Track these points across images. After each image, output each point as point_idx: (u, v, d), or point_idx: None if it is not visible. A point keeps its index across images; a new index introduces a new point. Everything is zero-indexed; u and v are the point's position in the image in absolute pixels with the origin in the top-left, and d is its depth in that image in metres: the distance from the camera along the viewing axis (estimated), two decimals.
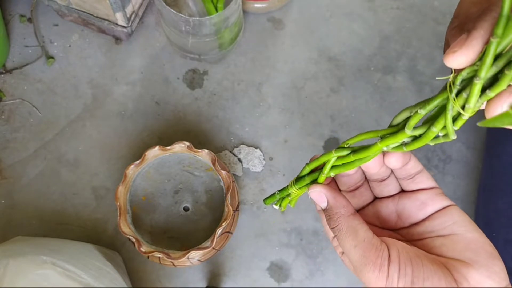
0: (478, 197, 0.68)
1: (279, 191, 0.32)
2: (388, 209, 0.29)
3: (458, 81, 0.20)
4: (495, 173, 0.63)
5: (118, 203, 0.56)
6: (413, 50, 0.79)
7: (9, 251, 0.54)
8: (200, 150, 0.58)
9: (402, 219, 0.28)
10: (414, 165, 0.27)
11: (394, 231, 0.28)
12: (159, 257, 0.58)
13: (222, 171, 0.57)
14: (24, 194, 0.70)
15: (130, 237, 0.55)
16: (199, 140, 0.73)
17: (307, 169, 0.29)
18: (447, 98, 0.21)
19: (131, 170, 0.58)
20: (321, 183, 0.28)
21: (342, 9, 0.81)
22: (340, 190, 0.30)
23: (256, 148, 0.73)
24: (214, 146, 0.73)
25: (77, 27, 0.77)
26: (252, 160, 0.73)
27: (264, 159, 0.73)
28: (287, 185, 0.31)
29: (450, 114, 0.21)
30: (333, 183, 0.30)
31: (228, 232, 0.62)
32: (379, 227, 0.29)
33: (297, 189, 0.30)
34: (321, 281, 0.70)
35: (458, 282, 0.22)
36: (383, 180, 0.29)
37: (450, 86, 0.21)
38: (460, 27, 0.23)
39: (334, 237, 0.27)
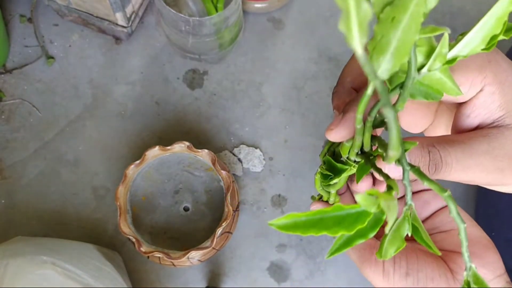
0: (478, 197, 0.68)
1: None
2: None
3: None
4: None
5: (118, 203, 0.56)
6: None
7: (9, 251, 0.54)
8: (200, 150, 0.58)
9: None
10: None
11: None
12: (159, 257, 0.58)
13: (222, 171, 0.57)
14: (24, 194, 0.70)
15: (130, 237, 0.55)
16: (199, 140, 0.73)
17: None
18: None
19: (131, 170, 0.58)
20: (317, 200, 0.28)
21: None
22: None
23: (256, 148, 0.73)
24: (214, 146, 0.73)
25: (77, 27, 0.77)
26: (252, 160, 0.72)
27: (264, 159, 0.73)
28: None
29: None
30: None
31: (228, 232, 0.62)
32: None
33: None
34: (321, 281, 0.70)
35: (454, 272, 0.23)
36: None
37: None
38: (340, 95, 0.24)
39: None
